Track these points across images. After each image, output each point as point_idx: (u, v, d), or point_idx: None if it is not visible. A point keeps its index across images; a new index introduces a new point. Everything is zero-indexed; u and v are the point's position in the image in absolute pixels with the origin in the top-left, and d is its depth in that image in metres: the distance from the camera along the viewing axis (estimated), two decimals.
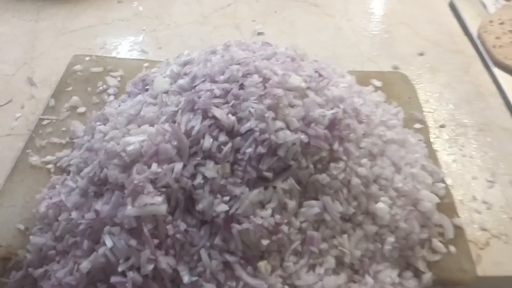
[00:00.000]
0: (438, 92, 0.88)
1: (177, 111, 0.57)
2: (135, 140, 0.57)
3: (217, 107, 0.57)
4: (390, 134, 0.65)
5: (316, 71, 0.63)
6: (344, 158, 0.57)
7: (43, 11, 1.06)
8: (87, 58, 0.87)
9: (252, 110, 0.56)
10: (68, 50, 0.94)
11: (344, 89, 0.64)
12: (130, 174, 0.55)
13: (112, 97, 0.79)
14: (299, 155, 0.55)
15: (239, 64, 0.61)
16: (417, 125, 0.77)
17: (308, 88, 0.60)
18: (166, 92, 0.64)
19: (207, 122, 0.55)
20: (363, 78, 0.82)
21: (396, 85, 0.84)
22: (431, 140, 0.76)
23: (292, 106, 0.58)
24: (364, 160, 0.58)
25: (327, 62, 0.73)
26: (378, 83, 0.83)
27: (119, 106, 0.69)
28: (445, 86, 0.89)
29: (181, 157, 0.55)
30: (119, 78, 0.80)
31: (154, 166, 0.54)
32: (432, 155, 0.72)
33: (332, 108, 0.59)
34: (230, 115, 0.56)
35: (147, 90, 0.68)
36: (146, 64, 0.82)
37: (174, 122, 0.55)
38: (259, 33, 0.99)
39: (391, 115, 0.72)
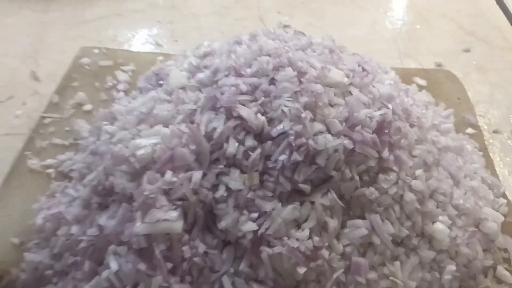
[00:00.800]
0: (489, 93, 0.78)
1: (195, 110, 0.50)
2: (146, 143, 0.48)
3: (244, 105, 0.48)
4: (445, 140, 0.55)
5: (359, 65, 0.53)
6: (395, 168, 0.48)
7: (53, 0, 0.98)
8: (95, 51, 0.79)
9: (285, 109, 0.47)
10: (78, 42, 0.86)
11: (391, 87, 0.54)
12: (140, 183, 0.46)
13: (122, 94, 0.71)
14: (342, 164, 0.46)
15: (269, 55, 0.52)
16: (470, 130, 0.67)
17: (350, 84, 0.51)
18: (183, 88, 0.56)
19: (231, 123, 0.47)
20: (404, 76, 0.73)
21: (443, 84, 0.75)
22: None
23: (333, 105, 0.49)
24: (418, 171, 0.49)
25: (368, 56, 0.63)
26: (422, 82, 0.74)
27: (129, 103, 0.60)
28: (496, 86, 0.79)
29: (200, 164, 0.46)
30: (130, 73, 0.74)
31: (169, 175, 0.46)
32: (489, 165, 0.62)
33: (379, 109, 0.50)
34: (259, 115, 0.47)
35: (161, 85, 0.60)
36: (160, 58, 0.76)
37: (192, 122, 0.48)
38: (285, 26, 0.91)
39: (443, 117, 0.63)
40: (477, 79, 0.80)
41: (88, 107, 0.69)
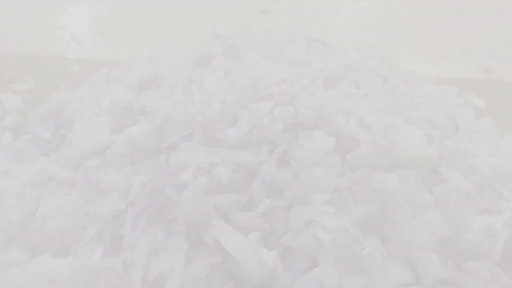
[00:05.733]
0: None
1: (124, 212, 0.28)
2: None
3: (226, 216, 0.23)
4: None
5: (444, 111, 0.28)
6: None
7: None
8: None
9: (322, 236, 0.23)
10: None
11: (485, 143, 0.30)
12: None
13: (8, 137, 0.48)
14: None
15: (271, 96, 0.26)
16: None
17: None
18: (101, 154, 0.29)
19: (202, 260, 0.21)
20: None
21: (508, 105, 0.52)
22: None
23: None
24: None
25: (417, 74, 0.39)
26: (479, 102, 0.51)
27: (7, 174, 0.35)
28: None
29: None
30: (26, 95, 0.54)
31: None
32: None
33: (490, 204, 0.27)
34: (265, 251, 0.22)
35: (63, 137, 0.36)
36: (76, 68, 0.56)
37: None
38: (264, 11, 0.70)
39: None
40: None
41: None
